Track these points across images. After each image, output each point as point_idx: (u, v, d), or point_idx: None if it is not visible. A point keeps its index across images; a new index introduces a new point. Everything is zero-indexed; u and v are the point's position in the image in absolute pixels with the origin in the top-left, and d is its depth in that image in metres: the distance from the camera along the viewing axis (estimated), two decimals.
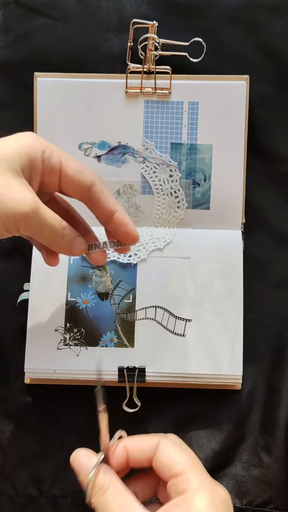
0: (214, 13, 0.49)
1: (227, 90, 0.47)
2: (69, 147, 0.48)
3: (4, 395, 0.48)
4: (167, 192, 0.48)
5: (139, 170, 0.48)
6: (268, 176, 0.49)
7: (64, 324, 0.47)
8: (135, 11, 0.49)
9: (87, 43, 0.49)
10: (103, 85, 0.47)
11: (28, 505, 0.47)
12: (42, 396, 0.48)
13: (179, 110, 0.47)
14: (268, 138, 0.49)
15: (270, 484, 0.47)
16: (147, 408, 0.47)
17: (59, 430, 0.48)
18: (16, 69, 0.49)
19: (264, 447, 0.47)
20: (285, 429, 0.47)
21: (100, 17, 0.49)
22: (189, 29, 0.49)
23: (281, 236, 0.49)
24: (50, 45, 0.49)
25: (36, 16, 0.49)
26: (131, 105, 0.48)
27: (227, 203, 0.48)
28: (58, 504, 0.47)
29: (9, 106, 0.50)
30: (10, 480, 0.47)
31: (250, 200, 0.49)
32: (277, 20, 0.49)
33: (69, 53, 0.49)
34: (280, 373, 0.48)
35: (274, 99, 0.49)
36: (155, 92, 0.47)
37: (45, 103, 0.48)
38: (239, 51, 0.49)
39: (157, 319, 0.47)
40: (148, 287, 0.47)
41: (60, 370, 0.46)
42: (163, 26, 0.48)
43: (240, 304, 0.47)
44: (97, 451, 0.48)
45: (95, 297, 0.47)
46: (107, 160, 0.48)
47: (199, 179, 0.48)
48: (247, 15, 0.49)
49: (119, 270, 0.48)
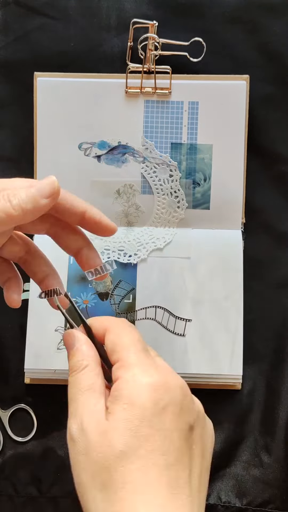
0: (214, 13, 0.49)
1: (227, 90, 0.47)
2: (69, 147, 0.48)
3: (4, 395, 0.48)
4: (167, 192, 0.48)
5: (139, 170, 0.48)
6: (268, 176, 0.49)
7: (64, 324, 0.47)
8: (135, 11, 0.49)
9: (87, 43, 0.49)
10: (103, 85, 0.47)
11: (28, 505, 0.47)
12: (42, 396, 0.48)
13: (179, 110, 0.47)
14: (268, 138, 0.49)
15: (270, 484, 0.47)
16: None
17: (59, 430, 0.48)
18: (16, 69, 0.49)
19: (264, 447, 0.47)
20: (285, 429, 0.47)
21: (100, 17, 0.49)
22: (189, 29, 0.49)
23: (281, 236, 0.49)
24: (50, 45, 0.49)
25: (36, 16, 0.49)
26: (131, 105, 0.48)
27: (227, 203, 0.48)
28: (58, 504, 0.47)
29: (9, 106, 0.50)
30: (10, 480, 0.47)
31: (250, 200, 0.49)
32: (277, 20, 0.49)
33: (69, 53, 0.49)
34: (280, 373, 0.48)
35: (274, 99, 0.49)
36: (155, 92, 0.47)
37: (45, 103, 0.47)
38: (239, 51, 0.49)
39: (157, 319, 0.47)
40: (148, 287, 0.47)
41: (60, 370, 0.46)
42: (163, 26, 0.48)
43: (240, 304, 0.47)
44: None
45: (95, 297, 0.47)
46: (107, 160, 0.48)
47: (199, 179, 0.48)
48: (247, 15, 0.49)
49: (119, 270, 0.48)
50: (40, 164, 0.48)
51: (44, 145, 0.48)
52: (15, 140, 0.50)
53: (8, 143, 0.50)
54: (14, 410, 0.48)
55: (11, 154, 0.50)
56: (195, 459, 0.31)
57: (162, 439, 0.29)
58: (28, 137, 0.48)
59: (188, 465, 0.30)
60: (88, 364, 0.32)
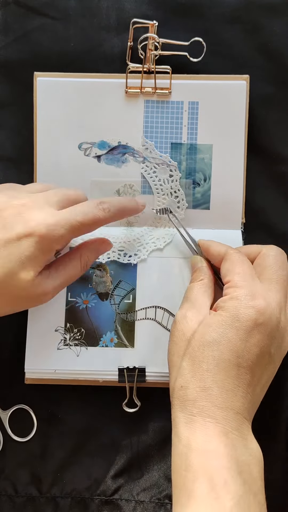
0: (214, 13, 0.49)
1: (227, 90, 0.47)
2: (69, 147, 0.48)
3: (4, 395, 0.48)
4: (167, 192, 0.48)
5: (139, 170, 0.48)
6: (268, 176, 0.49)
7: (64, 324, 0.47)
8: (135, 10, 0.49)
9: (87, 43, 0.49)
10: (103, 85, 0.47)
11: (28, 505, 0.47)
12: (42, 396, 0.48)
13: (179, 110, 0.47)
14: (268, 138, 0.49)
15: (270, 484, 0.46)
16: (147, 408, 0.47)
17: (59, 430, 0.48)
18: (16, 69, 0.49)
19: (264, 447, 0.47)
20: (285, 429, 0.47)
21: (100, 17, 0.49)
22: (189, 29, 0.49)
23: (281, 236, 0.49)
24: (50, 45, 0.49)
25: (36, 16, 0.49)
26: (131, 105, 0.48)
27: (227, 203, 0.48)
28: (58, 504, 0.47)
29: (9, 106, 0.50)
30: (10, 480, 0.47)
31: (250, 200, 0.49)
32: (277, 20, 0.49)
33: (69, 53, 0.49)
34: (280, 373, 0.48)
35: (274, 99, 0.49)
36: (155, 92, 0.47)
37: (45, 103, 0.47)
38: (239, 51, 0.49)
39: (157, 319, 0.47)
40: (148, 287, 0.47)
41: (60, 370, 0.46)
42: (163, 26, 0.48)
43: None
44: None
45: (95, 297, 0.47)
46: (107, 160, 0.48)
47: (199, 179, 0.48)
48: (247, 15, 0.49)
49: (119, 270, 0.48)
50: (40, 164, 0.48)
51: (44, 145, 0.48)
52: (15, 140, 0.50)
53: (8, 143, 0.50)
54: (14, 410, 0.48)
55: (11, 154, 0.50)
56: (264, 377, 0.39)
57: (243, 347, 0.37)
58: (28, 137, 0.48)
59: (259, 376, 0.38)
60: (204, 279, 0.43)
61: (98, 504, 0.46)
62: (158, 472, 0.47)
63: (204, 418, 0.36)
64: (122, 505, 0.46)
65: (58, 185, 0.46)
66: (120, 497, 0.47)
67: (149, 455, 0.47)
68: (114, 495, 0.47)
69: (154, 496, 0.47)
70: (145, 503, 0.46)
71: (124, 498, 0.46)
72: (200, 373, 0.37)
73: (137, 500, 0.46)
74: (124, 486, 0.47)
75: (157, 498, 0.47)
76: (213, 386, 0.36)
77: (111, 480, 0.47)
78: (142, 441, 0.47)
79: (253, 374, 0.37)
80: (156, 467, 0.47)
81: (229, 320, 0.37)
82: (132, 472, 0.47)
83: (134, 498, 0.46)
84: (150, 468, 0.47)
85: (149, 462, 0.47)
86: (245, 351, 0.37)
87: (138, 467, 0.47)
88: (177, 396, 0.38)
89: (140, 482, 0.47)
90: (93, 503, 0.47)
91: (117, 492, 0.47)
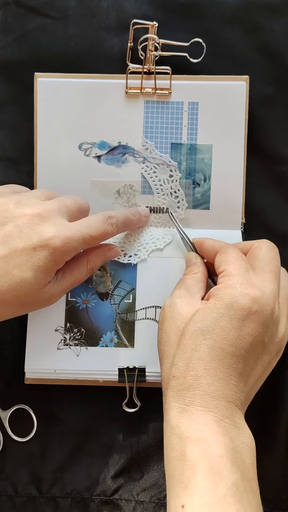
0: (214, 13, 0.49)
1: (227, 90, 0.47)
2: (69, 147, 0.48)
3: (4, 395, 0.48)
4: (167, 192, 0.48)
5: (139, 170, 0.48)
6: (268, 176, 0.49)
7: (64, 324, 0.47)
8: (135, 11, 0.49)
9: (87, 43, 0.49)
10: (103, 85, 0.47)
11: (28, 505, 0.47)
12: (42, 396, 0.48)
13: (179, 110, 0.47)
14: (268, 138, 0.49)
15: (270, 484, 0.47)
16: (147, 408, 0.47)
17: (59, 430, 0.48)
18: (16, 69, 0.49)
19: (264, 447, 0.47)
20: (285, 429, 0.47)
21: (100, 17, 0.49)
22: (189, 29, 0.49)
23: (281, 236, 0.49)
24: (50, 45, 0.49)
25: (36, 16, 0.49)
26: (131, 105, 0.48)
27: (227, 203, 0.48)
28: (58, 504, 0.47)
29: (9, 106, 0.50)
30: (10, 480, 0.47)
31: (250, 200, 0.49)
32: (277, 20, 0.49)
33: (69, 53, 0.49)
34: (280, 373, 0.48)
35: (274, 99, 0.49)
36: (155, 93, 0.47)
37: (45, 103, 0.48)
38: (239, 51, 0.49)
39: (157, 319, 0.47)
40: (148, 287, 0.47)
41: (60, 370, 0.46)
42: (163, 26, 0.48)
43: None
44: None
45: (95, 297, 0.47)
46: (107, 160, 0.48)
47: (199, 179, 0.48)
48: (247, 15, 0.49)
49: (119, 270, 0.48)
50: (40, 164, 0.48)
51: (44, 145, 0.48)
52: (15, 140, 0.50)
53: (8, 143, 0.50)
54: (14, 410, 0.48)
55: (11, 154, 0.50)
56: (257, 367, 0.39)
57: (236, 336, 0.37)
58: (28, 137, 0.48)
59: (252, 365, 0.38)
60: (197, 273, 0.43)
61: (98, 504, 0.47)
62: (158, 472, 0.47)
63: (196, 407, 0.36)
64: (122, 505, 0.46)
65: (58, 185, 0.46)
66: (120, 497, 0.47)
67: (149, 455, 0.47)
68: (114, 495, 0.47)
69: (154, 496, 0.47)
70: (145, 503, 0.46)
71: (124, 498, 0.47)
72: (192, 362, 0.37)
73: (137, 500, 0.46)
74: (124, 486, 0.47)
75: (157, 498, 0.47)
76: (205, 375, 0.36)
77: (111, 480, 0.47)
78: (142, 441, 0.47)
79: (246, 363, 0.37)
80: (156, 467, 0.47)
81: (222, 308, 0.37)
82: (132, 472, 0.47)
83: (134, 498, 0.47)
84: (150, 468, 0.47)
85: (149, 462, 0.47)
86: (238, 339, 0.37)
87: (138, 467, 0.47)
88: (170, 385, 0.38)
89: (140, 482, 0.47)
90: (93, 503, 0.47)
91: (117, 492, 0.47)
